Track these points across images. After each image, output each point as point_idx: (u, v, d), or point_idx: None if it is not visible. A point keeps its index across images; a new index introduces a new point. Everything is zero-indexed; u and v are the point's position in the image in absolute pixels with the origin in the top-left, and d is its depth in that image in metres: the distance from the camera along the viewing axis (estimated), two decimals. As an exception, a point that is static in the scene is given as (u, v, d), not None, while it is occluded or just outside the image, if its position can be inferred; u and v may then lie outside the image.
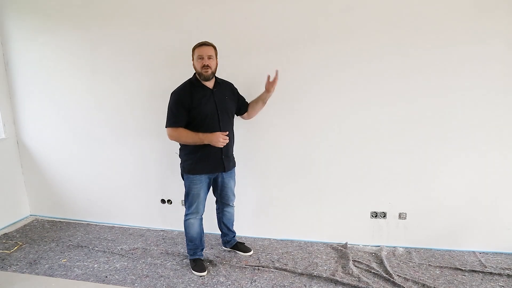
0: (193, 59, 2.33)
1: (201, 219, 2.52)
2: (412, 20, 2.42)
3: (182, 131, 2.30)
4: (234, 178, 2.61)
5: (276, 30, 2.61)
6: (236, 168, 2.60)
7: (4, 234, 3.17)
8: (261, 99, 2.54)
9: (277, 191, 2.90)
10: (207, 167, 2.38)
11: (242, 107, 2.56)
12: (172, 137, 2.34)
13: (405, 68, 2.49)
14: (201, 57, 2.26)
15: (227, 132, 2.33)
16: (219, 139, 2.27)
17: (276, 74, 2.42)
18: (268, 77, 2.44)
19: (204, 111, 2.29)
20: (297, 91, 2.68)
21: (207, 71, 2.27)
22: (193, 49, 2.32)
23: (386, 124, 2.60)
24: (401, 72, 2.50)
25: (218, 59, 2.36)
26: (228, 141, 2.33)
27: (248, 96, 2.60)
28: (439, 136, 2.55)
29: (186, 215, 2.49)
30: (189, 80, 2.38)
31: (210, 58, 2.27)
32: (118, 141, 3.13)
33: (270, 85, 2.45)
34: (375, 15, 2.46)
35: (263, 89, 2.48)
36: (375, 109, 2.60)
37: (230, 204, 2.64)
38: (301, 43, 2.60)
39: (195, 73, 2.35)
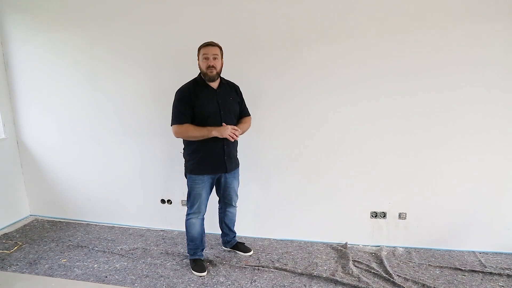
0: (198, 59, 2.31)
1: (203, 219, 2.51)
2: (411, 20, 2.42)
3: (188, 126, 2.26)
4: (238, 179, 2.59)
5: (277, 31, 2.62)
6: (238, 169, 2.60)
7: (4, 234, 3.17)
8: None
9: (277, 191, 2.90)
10: (209, 168, 2.37)
11: (240, 112, 2.50)
12: (178, 134, 2.30)
13: (403, 69, 2.49)
14: (206, 57, 2.25)
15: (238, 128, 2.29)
16: (227, 131, 2.22)
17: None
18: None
19: (207, 110, 2.28)
20: (299, 93, 2.68)
21: (212, 72, 2.25)
22: (199, 49, 2.30)
23: (386, 125, 2.61)
24: (400, 72, 2.50)
25: (223, 60, 2.34)
26: (238, 136, 2.28)
27: (251, 97, 2.61)
28: (439, 136, 2.55)
29: (187, 214, 2.48)
30: (194, 79, 2.36)
31: (215, 58, 2.26)
32: (118, 141, 3.13)
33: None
34: (373, 16, 2.46)
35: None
36: (375, 110, 2.60)
37: (233, 205, 2.64)
38: (303, 43, 2.60)
39: (200, 73, 2.34)
